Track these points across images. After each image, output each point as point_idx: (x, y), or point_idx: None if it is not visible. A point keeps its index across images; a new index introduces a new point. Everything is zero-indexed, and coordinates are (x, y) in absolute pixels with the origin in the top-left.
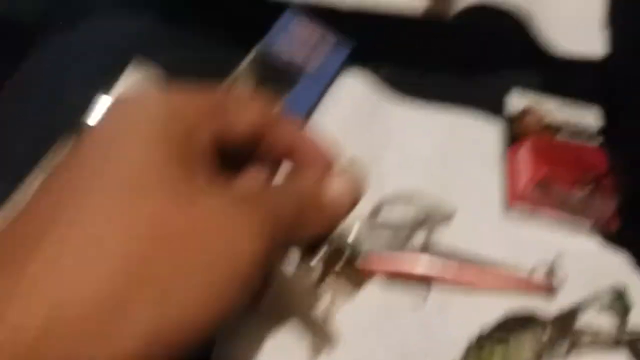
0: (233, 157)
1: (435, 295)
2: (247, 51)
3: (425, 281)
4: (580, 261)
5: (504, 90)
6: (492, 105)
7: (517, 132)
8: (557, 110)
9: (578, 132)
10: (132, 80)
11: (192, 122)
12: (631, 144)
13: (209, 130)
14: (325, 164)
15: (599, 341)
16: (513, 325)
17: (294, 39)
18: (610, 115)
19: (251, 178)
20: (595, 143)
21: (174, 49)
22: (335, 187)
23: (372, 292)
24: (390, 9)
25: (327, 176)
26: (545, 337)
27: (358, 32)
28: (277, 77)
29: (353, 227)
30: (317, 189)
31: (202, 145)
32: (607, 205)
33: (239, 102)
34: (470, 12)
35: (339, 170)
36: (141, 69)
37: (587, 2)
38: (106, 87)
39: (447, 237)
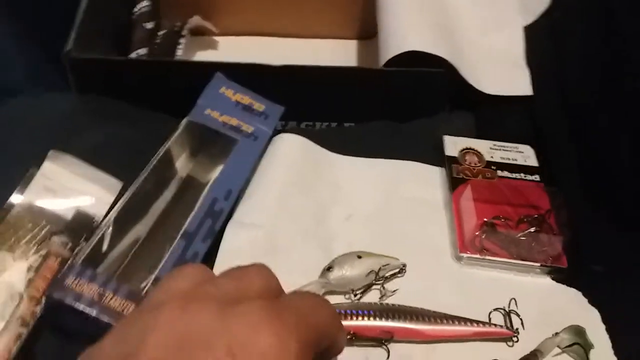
0: None
1: (396, 353)
2: (177, 121)
3: (384, 339)
4: (535, 303)
5: (438, 136)
6: (428, 151)
7: (458, 175)
8: (493, 150)
9: (517, 169)
10: (50, 170)
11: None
12: (565, 182)
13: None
14: None
15: None
16: None
17: (224, 105)
18: (543, 154)
19: None
20: (535, 177)
21: (102, 123)
22: None
23: None
24: None
25: None
26: None
27: (287, 90)
28: (211, 145)
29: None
30: None
31: None
32: (553, 245)
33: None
34: (398, 62)
35: None
36: (59, 157)
37: (509, 45)
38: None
39: (401, 290)
